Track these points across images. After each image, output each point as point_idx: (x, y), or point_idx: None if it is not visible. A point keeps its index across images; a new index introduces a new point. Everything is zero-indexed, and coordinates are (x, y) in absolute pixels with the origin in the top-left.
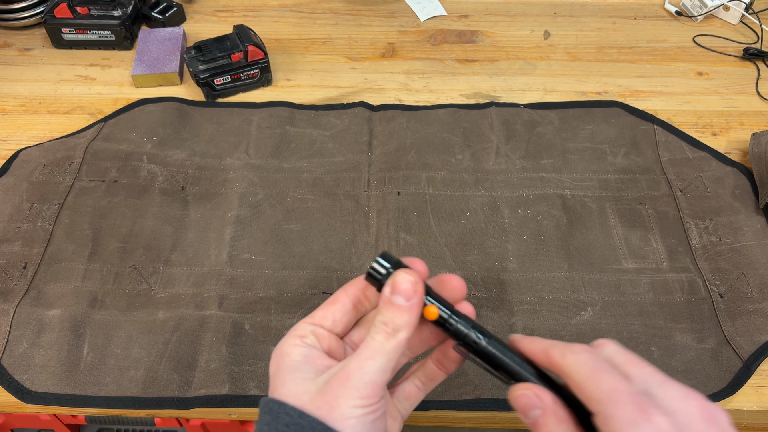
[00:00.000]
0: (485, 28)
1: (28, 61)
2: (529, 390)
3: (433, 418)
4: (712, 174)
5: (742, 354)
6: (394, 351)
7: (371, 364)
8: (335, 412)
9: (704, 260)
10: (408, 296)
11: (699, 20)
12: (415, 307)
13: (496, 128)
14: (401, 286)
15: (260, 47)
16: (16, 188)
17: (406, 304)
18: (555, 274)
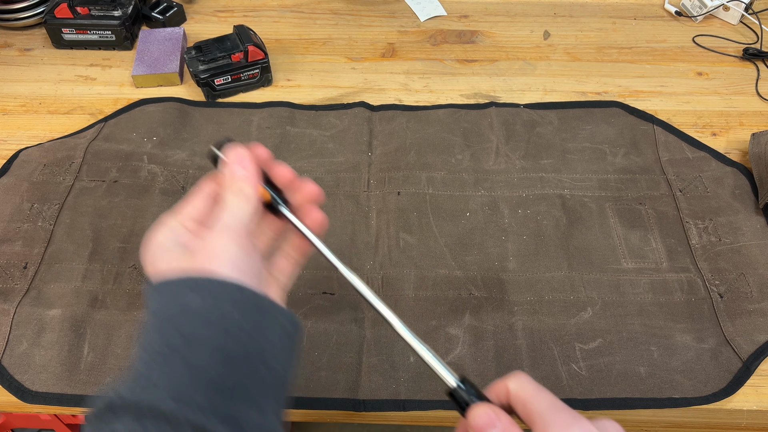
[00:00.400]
0: (485, 28)
1: (28, 61)
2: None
3: (433, 418)
4: (712, 174)
5: (741, 354)
6: (247, 205)
7: (229, 215)
8: (212, 260)
9: (704, 260)
10: (244, 166)
11: (699, 20)
12: (252, 174)
13: (495, 128)
14: (235, 158)
15: (260, 47)
16: (16, 188)
17: (244, 173)
18: (555, 274)
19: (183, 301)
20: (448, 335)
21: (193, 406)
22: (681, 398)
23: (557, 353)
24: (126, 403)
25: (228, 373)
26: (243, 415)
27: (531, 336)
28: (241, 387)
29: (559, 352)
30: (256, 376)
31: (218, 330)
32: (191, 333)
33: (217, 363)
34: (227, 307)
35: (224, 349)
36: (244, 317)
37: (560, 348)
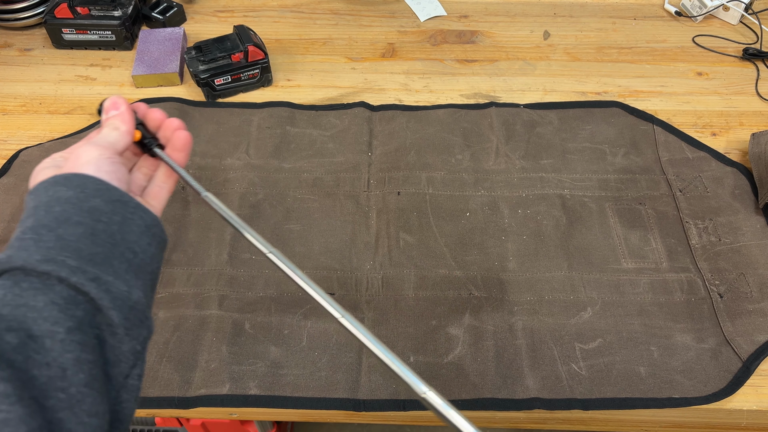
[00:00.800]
0: (485, 28)
1: (28, 61)
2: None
3: (433, 418)
4: (712, 174)
5: (741, 354)
6: (120, 136)
7: (101, 138)
8: (76, 164)
9: (704, 260)
10: (118, 108)
11: (698, 20)
12: (125, 113)
13: (495, 128)
14: (111, 105)
15: (260, 47)
16: (16, 188)
17: (117, 113)
18: (555, 273)
19: (53, 193)
20: (448, 335)
21: (63, 266)
22: (681, 398)
23: (557, 353)
24: (3, 270)
25: (96, 249)
26: (111, 282)
27: (531, 336)
28: (109, 261)
29: (559, 352)
30: (123, 257)
31: (86, 215)
32: (62, 214)
33: (86, 240)
34: (94, 198)
35: (93, 230)
36: (108, 207)
37: (560, 348)
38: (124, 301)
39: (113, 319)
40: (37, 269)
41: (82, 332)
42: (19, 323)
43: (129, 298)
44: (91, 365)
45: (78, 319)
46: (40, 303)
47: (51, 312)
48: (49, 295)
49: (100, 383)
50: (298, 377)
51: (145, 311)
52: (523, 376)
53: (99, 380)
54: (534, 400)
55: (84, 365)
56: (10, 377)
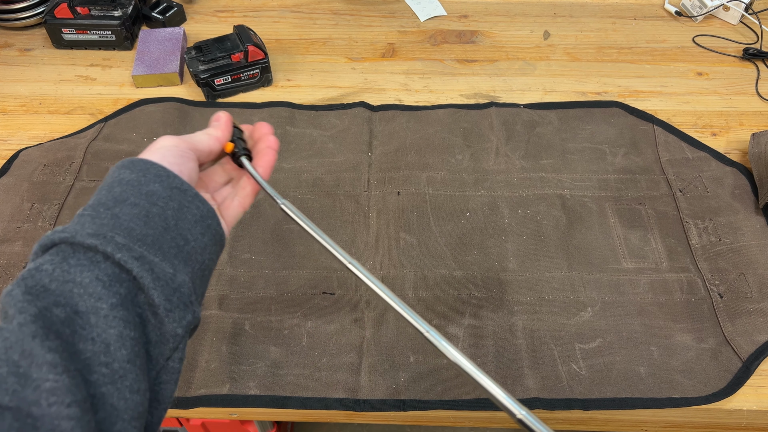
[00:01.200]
0: (485, 28)
1: (28, 61)
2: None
3: (433, 418)
4: (712, 174)
5: (741, 354)
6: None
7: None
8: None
9: (704, 260)
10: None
11: (699, 20)
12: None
13: (495, 128)
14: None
15: (260, 47)
16: (16, 188)
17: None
18: (555, 273)
19: (118, 175)
20: (448, 335)
21: (109, 242)
22: (681, 398)
23: (557, 353)
24: (52, 241)
25: (148, 231)
26: (156, 263)
27: (531, 336)
28: (158, 244)
29: (559, 352)
30: (174, 242)
31: (144, 198)
32: (120, 195)
33: (139, 221)
34: (153, 183)
35: (148, 213)
36: (166, 193)
37: (560, 348)
38: (167, 283)
39: (153, 299)
40: (85, 242)
41: (125, 309)
42: (66, 299)
43: (173, 281)
44: (134, 342)
45: (121, 296)
46: (86, 279)
47: (95, 288)
48: (95, 272)
49: (142, 361)
50: (298, 377)
51: (189, 296)
52: (523, 376)
53: (141, 358)
54: (534, 400)
55: (126, 341)
56: (57, 348)
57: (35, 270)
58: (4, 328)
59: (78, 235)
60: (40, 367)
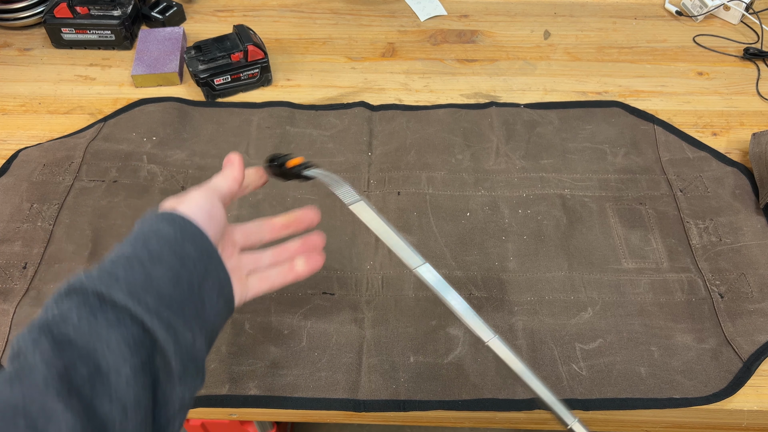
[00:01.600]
0: (485, 28)
1: (28, 61)
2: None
3: (433, 418)
4: (713, 174)
5: (742, 354)
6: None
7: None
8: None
9: (704, 260)
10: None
11: (699, 20)
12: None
13: (496, 128)
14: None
15: (260, 47)
16: (16, 188)
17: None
18: (555, 274)
19: (157, 227)
20: (449, 335)
21: (141, 305)
22: (681, 398)
23: (557, 353)
24: (83, 287)
25: (176, 294)
26: (180, 330)
27: (531, 336)
28: (183, 309)
29: (559, 353)
30: (196, 308)
31: (177, 259)
32: (156, 252)
33: (170, 282)
34: (188, 244)
35: (178, 276)
36: (197, 255)
37: (560, 348)
38: (187, 350)
39: (172, 365)
40: (118, 302)
41: (144, 373)
42: (90, 354)
43: (192, 348)
44: (146, 405)
45: (142, 359)
46: (112, 338)
47: (120, 348)
48: (122, 331)
49: (149, 424)
50: (297, 377)
51: (202, 363)
52: None
53: (149, 420)
54: (534, 401)
55: (141, 404)
56: (76, 407)
57: (61, 319)
58: (26, 377)
59: (112, 291)
60: (58, 426)
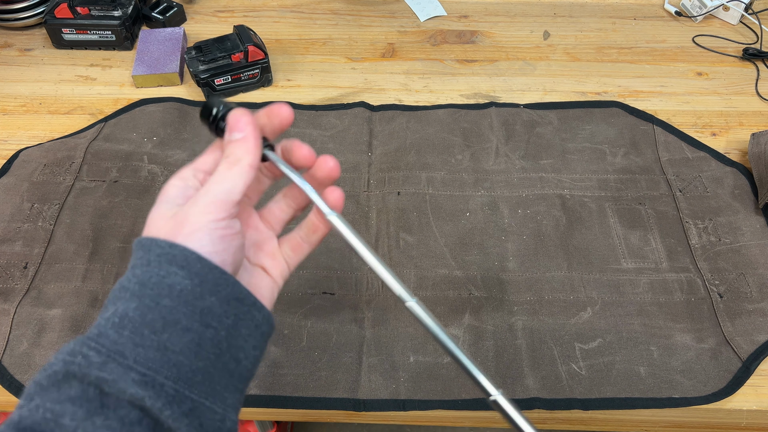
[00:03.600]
0: (485, 28)
1: (28, 61)
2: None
3: (433, 418)
4: (712, 174)
5: (741, 354)
6: (239, 176)
7: (216, 186)
8: (185, 226)
9: (703, 260)
10: (241, 129)
11: (698, 20)
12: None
13: (495, 128)
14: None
15: (260, 47)
16: (16, 188)
17: (240, 136)
18: (554, 273)
19: (165, 274)
20: (448, 335)
21: (159, 394)
22: (681, 398)
23: (557, 353)
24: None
25: (200, 365)
26: (206, 411)
27: (531, 336)
28: (209, 377)
29: (559, 352)
30: (225, 370)
31: (197, 318)
32: (170, 314)
33: (190, 353)
34: (210, 297)
35: (200, 339)
36: (222, 309)
37: (560, 348)
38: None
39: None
40: (126, 394)
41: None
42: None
43: (221, 428)
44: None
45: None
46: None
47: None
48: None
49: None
50: (297, 377)
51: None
52: (523, 376)
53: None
54: (534, 400)
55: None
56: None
57: (54, 423)
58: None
59: (119, 380)
60: None
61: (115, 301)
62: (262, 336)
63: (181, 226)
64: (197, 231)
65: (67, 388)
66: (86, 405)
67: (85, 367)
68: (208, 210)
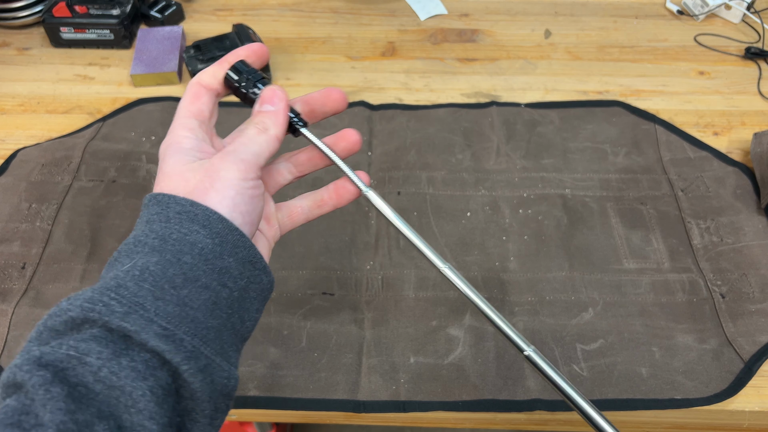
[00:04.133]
0: (486, 27)
1: (26, 60)
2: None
3: (434, 420)
4: (714, 174)
5: (743, 354)
6: (266, 143)
7: (245, 147)
8: (216, 182)
9: (705, 260)
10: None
11: (700, 19)
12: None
13: (496, 128)
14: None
15: None
16: (14, 188)
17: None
18: (556, 274)
19: (187, 231)
20: (449, 336)
21: (178, 349)
22: (682, 399)
23: (558, 354)
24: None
25: (213, 323)
26: (216, 368)
27: (532, 336)
28: (219, 336)
29: (560, 353)
30: (233, 329)
31: (215, 277)
32: (191, 270)
33: (207, 311)
34: (228, 257)
35: (216, 298)
36: (238, 270)
37: (561, 349)
38: (221, 390)
39: (205, 410)
40: (148, 345)
41: (172, 426)
42: (111, 409)
43: (227, 385)
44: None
45: (171, 409)
46: (138, 391)
47: (147, 404)
48: (149, 383)
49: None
50: (297, 378)
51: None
52: (524, 377)
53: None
54: (535, 402)
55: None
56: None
57: (78, 361)
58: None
59: (142, 331)
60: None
61: (131, 255)
62: (265, 299)
63: (212, 181)
64: (229, 188)
65: (90, 330)
66: (112, 346)
67: (106, 314)
68: (239, 168)
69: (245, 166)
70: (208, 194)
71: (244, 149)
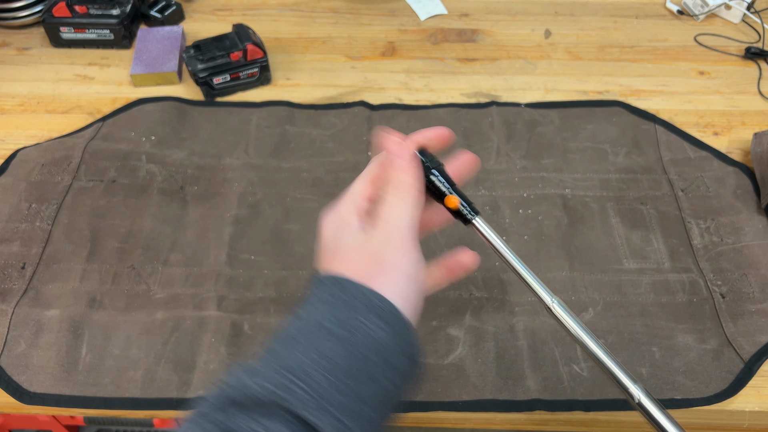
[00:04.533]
0: (486, 27)
1: (26, 60)
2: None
3: (434, 420)
4: (714, 174)
5: (743, 354)
6: (413, 205)
7: (399, 221)
8: (385, 270)
9: (706, 260)
10: (398, 151)
11: (700, 19)
12: (411, 162)
13: (496, 128)
14: (390, 145)
15: (259, 46)
16: (14, 188)
17: (403, 162)
18: (556, 274)
19: (369, 324)
20: (449, 336)
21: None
22: (683, 399)
23: (558, 354)
24: (293, 410)
25: (379, 416)
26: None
27: (532, 337)
28: (375, 429)
29: (560, 353)
30: (386, 416)
31: (390, 378)
32: (374, 371)
33: (378, 406)
34: (402, 358)
35: (387, 396)
36: (407, 371)
37: (561, 349)
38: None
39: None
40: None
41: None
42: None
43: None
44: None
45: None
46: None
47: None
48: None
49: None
50: None
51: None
52: (524, 377)
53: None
54: (535, 402)
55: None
56: None
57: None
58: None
59: (327, 428)
60: None
61: (312, 339)
62: (412, 387)
63: (380, 268)
64: (398, 278)
65: (277, 413)
66: (296, 430)
67: (290, 402)
68: (403, 251)
69: (405, 244)
70: (380, 282)
71: (398, 223)
